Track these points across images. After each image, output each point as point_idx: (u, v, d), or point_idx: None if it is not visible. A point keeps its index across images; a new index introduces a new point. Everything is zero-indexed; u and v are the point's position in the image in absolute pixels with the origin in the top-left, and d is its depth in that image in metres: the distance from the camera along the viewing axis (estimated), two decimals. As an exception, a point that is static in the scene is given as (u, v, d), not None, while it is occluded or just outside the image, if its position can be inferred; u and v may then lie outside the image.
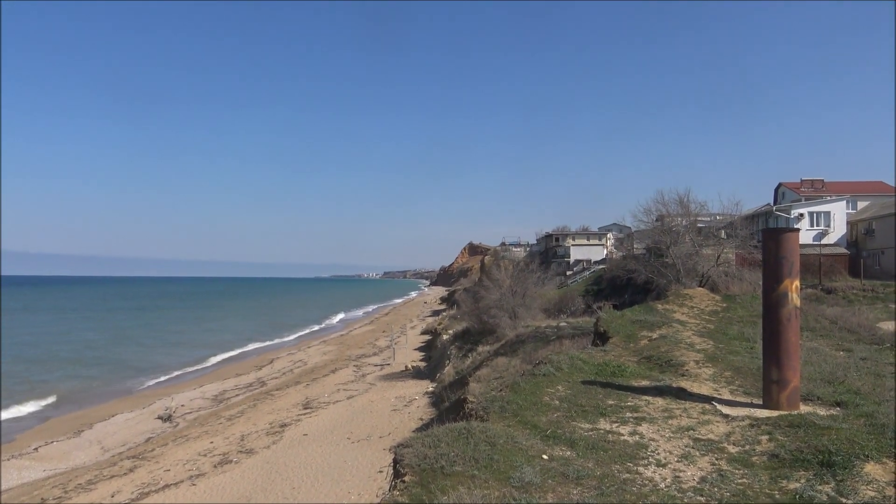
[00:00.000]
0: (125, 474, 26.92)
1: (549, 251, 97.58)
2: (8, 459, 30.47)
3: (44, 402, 43.37)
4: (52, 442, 33.59)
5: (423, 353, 57.73)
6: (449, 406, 22.90)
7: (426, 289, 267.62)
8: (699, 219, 37.11)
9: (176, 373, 56.38)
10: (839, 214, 47.54)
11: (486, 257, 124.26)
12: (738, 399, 10.75)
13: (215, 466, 26.30)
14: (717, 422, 9.29)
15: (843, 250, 45.64)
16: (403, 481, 6.95)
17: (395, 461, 7.68)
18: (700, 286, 28.77)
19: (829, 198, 50.05)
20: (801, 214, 47.19)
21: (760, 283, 12.59)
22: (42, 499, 24.59)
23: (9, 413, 40.05)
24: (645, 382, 11.89)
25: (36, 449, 32.30)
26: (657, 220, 37.34)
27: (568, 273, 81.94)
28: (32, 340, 76.11)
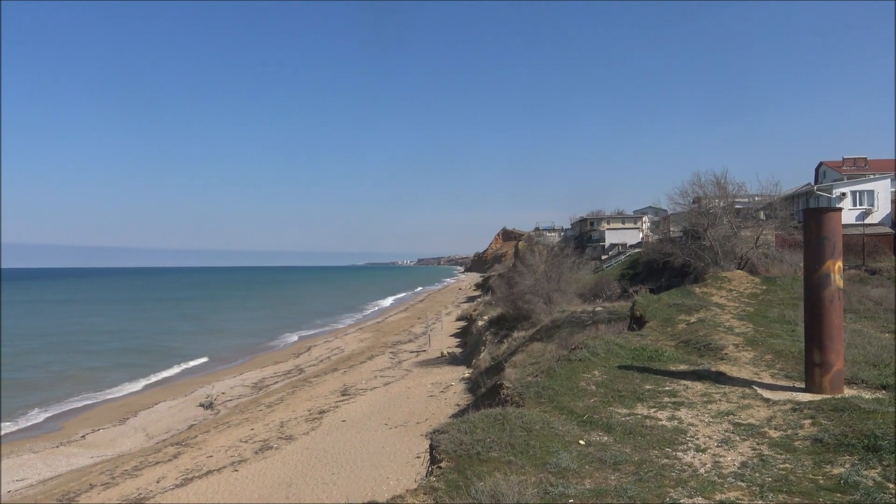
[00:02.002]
0: (169, 460, 27.61)
1: (583, 235, 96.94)
2: (56, 447, 31.48)
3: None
4: (99, 429, 34.57)
5: (458, 340, 57.88)
6: (485, 392, 22.93)
7: (461, 275, 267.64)
8: (737, 200, 36.28)
9: (249, 357, 59.41)
10: (883, 193, 46.08)
11: (520, 243, 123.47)
12: (779, 383, 10.55)
13: (256, 452, 26.80)
14: (758, 406, 9.13)
15: (887, 230, 44.36)
16: (440, 467, 6.97)
17: (432, 447, 7.70)
18: (739, 269, 28.24)
19: (872, 176, 48.58)
20: (844, 194, 45.89)
21: (801, 264, 12.30)
22: (90, 484, 25.36)
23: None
24: (683, 367, 11.74)
25: (83, 436, 33.29)
26: (694, 202, 36.60)
27: (603, 257, 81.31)
28: (115, 329, 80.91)
